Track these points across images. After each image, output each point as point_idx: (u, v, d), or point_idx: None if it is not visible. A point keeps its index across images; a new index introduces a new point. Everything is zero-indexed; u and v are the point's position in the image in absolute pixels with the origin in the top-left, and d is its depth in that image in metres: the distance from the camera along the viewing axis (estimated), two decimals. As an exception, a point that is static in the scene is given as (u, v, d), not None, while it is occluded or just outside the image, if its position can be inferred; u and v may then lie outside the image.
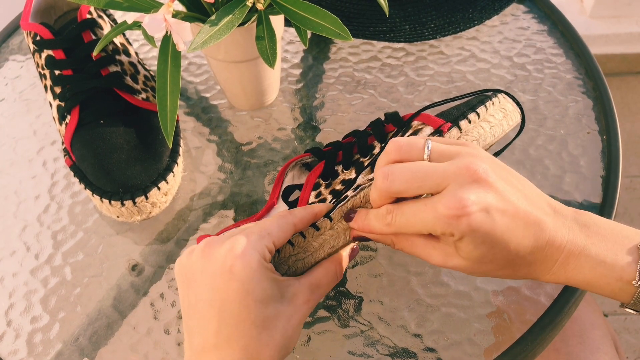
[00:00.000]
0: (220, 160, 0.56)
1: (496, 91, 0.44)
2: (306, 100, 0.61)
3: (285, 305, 0.35)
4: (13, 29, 0.71)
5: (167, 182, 0.50)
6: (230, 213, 0.53)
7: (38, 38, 0.53)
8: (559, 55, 0.62)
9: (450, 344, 0.45)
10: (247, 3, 0.42)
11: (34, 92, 0.64)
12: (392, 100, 0.60)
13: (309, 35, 0.65)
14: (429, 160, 0.34)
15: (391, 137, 0.43)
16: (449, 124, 0.41)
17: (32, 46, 0.54)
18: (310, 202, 0.44)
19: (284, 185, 0.49)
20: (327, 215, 0.40)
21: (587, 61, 0.61)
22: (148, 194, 0.49)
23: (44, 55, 0.53)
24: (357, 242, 0.41)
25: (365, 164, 0.44)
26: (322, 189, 0.45)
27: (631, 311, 0.35)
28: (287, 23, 0.64)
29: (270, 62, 0.43)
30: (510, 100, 0.44)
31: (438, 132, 0.40)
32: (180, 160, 0.53)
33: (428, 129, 0.41)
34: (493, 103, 0.42)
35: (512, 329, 0.45)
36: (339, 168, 0.45)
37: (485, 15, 0.65)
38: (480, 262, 0.33)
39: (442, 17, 0.65)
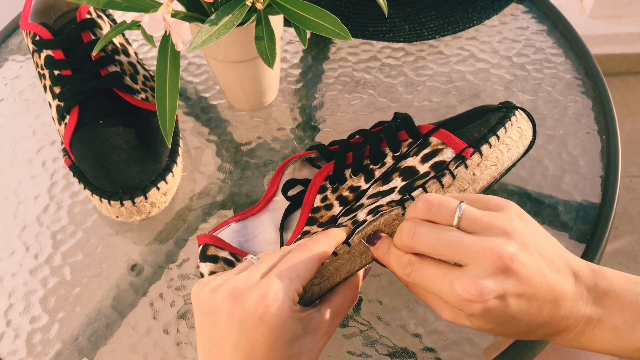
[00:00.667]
0: (219, 160, 0.56)
1: (512, 107, 0.44)
2: (305, 100, 0.61)
3: (309, 339, 0.35)
4: (12, 29, 0.71)
5: (166, 182, 0.50)
6: (230, 213, 0.53)
7: (37, 38, 0.53)
8: (559, 55, 0.62)
9: (450, 344, 0.45)
10: (247, 3, 0.42)
11: (34, 92, 0.64)
12: (392, 100, 0.60)
13: (308, 35, 0.65)
14: (459, 226, 0.34)
15: (406, 150, 0.43)
16: (471, 150, 0.40)
17: (31, 46, 0.54)
18: (315, 205, 0.44)
19: (284, 179, 0.48)
20: (346, 241, 0.40)
21: (587, 61, 0.61)
22: (147, 194, 0.49)
23: (43, 55, 0.53)
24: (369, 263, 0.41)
25: (377, 174, 0.43)
26: (328, 193, 0.44)
27: None
28: (287, 23, 0.64)
29: (270, 62, 0.43)
30: (525, 116, 0.43)
31: (460, 158, 0.40)
32: (179, 160, 0.53)
33: (449, 151, 0.41)
34: (512, 123, 0.42)
35: (511, 329, 0.45)
36: (347, 172, 0.44)
37: (484, 15, 0.65)
38: (490, 331, 0.34)
39: (442, 17, 0.65)
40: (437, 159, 0.41)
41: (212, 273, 0.41)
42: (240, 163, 0.56)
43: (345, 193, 0.43)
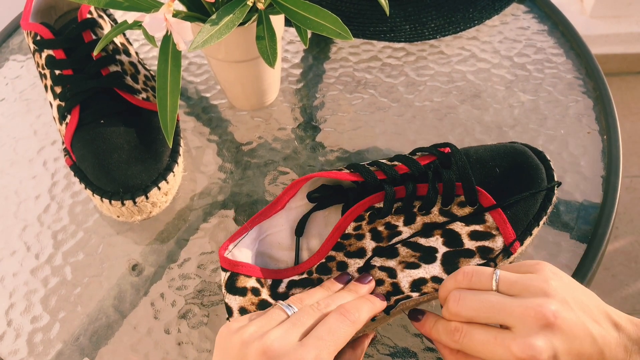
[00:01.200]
0: (220, 160, 0.56)
1: (553, 186, 0.44)
2: (306, 100, 0.61)
3: None
4: (13, 28, 0.71)
5: (167, 182, 0.50)
6: (231, 213, 0.53)
7: (38, 38, 0.53)
8: (559, 55, 0.62)
9: (451, 344, 0.45)
10: (248, 3, 0.42)
11: (35, 92, 0.64)
12: (393, 100, 0.60)
13: (309, 35, 0.65)
14: (498, 290, 0.35)
15: (455, 209, 0.41)
16: (518, 244, 0.41)
17: (32, 46, 0.54)
18: (346, 231, 0.41)
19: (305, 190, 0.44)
20: (387, 311, 0.40)
21: (588, 61, 0.61)
22: (148, 194, 0.49)
23: (44, 55, 0.53)
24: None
25: (417, 219, 0.41)
26: (363, 223, 0.41)
27: None
28: (288, 23, 0.64)
29: (271, 62, 0.43)
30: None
31: (507, 252, 0.41)
32: (180, 160, 0.53)
33: (500, 241, 0.41)
34: (551, 207, 0.43)
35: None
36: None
37: (485, 15, 0.65)
38: None
39: (443, 17, 0.65)
40: (487, 244, 0.41)
41: (241, 308, 0.40)
42: (241, 163, 0.56)
43: (380, 228, 0.41)
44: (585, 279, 0.46)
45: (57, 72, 0.52)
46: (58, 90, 0.53)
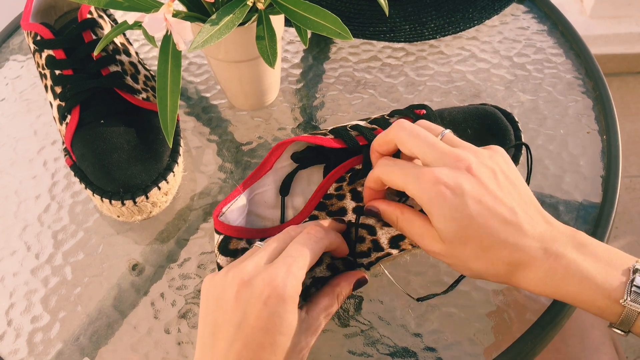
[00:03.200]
0: (220, 160, 0.57)
1: (520, 145, 0.47)
2: (306, 100, 0.61)
3: (302, 337, 0.36)
4: (13, 28, 0.71)
5: (167, 182, 0.50)
6: (231, 213, 0.53)
7: (38, 38, 0.53)
8: (559, 55, 0.62)
9: (450, 344, 0.45)
10: (248, 3, 0.42)
11: (35, 92, 0.64)
12: (392, 100, 0.60)
13: (309, 35, 0.65)
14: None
15: None
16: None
17: (32, 46, 0.54)
18: (328, 192, 0.43)
19: (289, 151, 0.46)
20: (367, 268, 0.43)
21: (587, 61, 0.61)
22: (148, 194, 0.49)
23: (44, 55, 0.53)
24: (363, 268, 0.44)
25: None
26: (344, 184, 0.44)
27: (618, 331, 0.35)
28: (288, 23, 0.64)
29: (271, 62, 0.43)
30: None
31: None
32: (180, 160, 0.53)
33: None
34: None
35: (512, 329, 0.45)
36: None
37: (485, 15, 0.65)
38: (456, 244, 0.35)
39: (442, 17, 0.65)
40: None
41: None
42: (241, 163, 0.56)
43: (360, 188, 0.44)
44: (584, 278, 0.46)
45: (57, 72, 0.52)
46: (58, 90, 0.53)
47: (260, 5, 0.43)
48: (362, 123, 0.45)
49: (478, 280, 0.47)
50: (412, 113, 0.46)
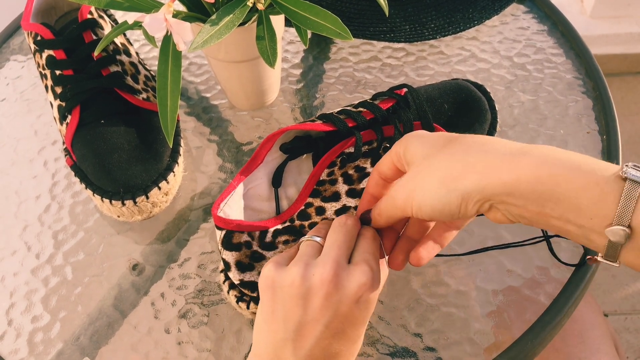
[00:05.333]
0: (220, 160, 0.57)
1: (493, 109, 0.50)
2: (306, 100, 0.61)
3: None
4: (14, 29, 0.71)
5: (167, 182, 0.50)
6: (231, 213, 0.53)
7: (39, 38, 0.53)
8: (559, 55, 0.62)
9: (450, 344, 0.45)
10: (248, 3, 0.42)
11: (35, 92, 0.64)
12: (393, 100, 0.60)
13: (309, 35, 0.65)
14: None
15: None
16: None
17: (33, 46, 0.54)
18: (320, 178, 0.44)
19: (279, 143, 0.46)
20: None
21: (587, 61, 0.61)
22: (149, 194, 0.49)
23: (44, 55, 0.53)
24: None
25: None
26: (335, 168, 0.45)
27: (608, 262, 0.32)
28: (288, 23, 0.64)
29: (271, 62, 0.43)
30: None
31: None
32: (180, 160, 0.53)
33: None
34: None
35: (512, 329, 0.45)
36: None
37: (485, 15, 0.65)
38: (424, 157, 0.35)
39: (442, 17, 0.65)
40: None
41: (237, 261, 0.42)
42: (242, 163, 0.56)
43: (351, 171, 0.44)
44: (584, 279, 0.46)
45: (57, 72, 0.53)
46: (58, 90, 0.53)
47: (260, 6, 0.43)
48: (348, 108, 0.46)
49: (478, 281, 0.47)
50: (395, 94, 0.47)
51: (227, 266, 0.43)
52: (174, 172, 0.51)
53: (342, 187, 0.45)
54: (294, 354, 0.35)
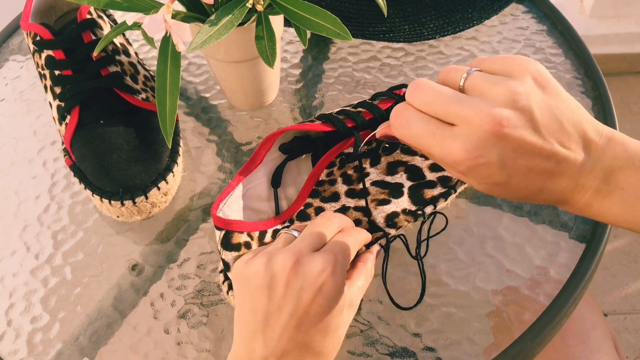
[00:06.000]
0: (220, 160, 0.57)
1: None
2: (306, 100, 0.61)
3: (346, 314, 0.37)
4: (13, 29, 0.71)
5: (166, 182, 0.50)
6: (230, 213, 0.53)
7: (38, 38, 0.53)
8: (558, 55, 0.62)
9: (450, 344, 0.45)
10: (247, 4, 0.42)
11: (34, 92, 0.64)
12: (392, 100, 0.60)
13: (308, 35, 0.65)
14: (463, 88, 0.33)
15: None
16: None
17: (32, 46, 0.54)
18: (320, 178, 0.45)
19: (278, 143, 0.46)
20: (367, 246, 0.43)
21: (587, 61, 0.61)
22: (148, 194, 0.49)
23: (44, 55, 0.53)
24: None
25: (382, 160, 0.45)
26: (334, 168, 0.45)
27: None
28: (287, 23, 0.64)
29: (270, 62, 0.43)
30: None
31: None
32: (180, 160, 0.53)
33: None
34: None
35: (511, 329, 0.45)
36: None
37: (484, 15, 0.65)
38: (488, 191, 0.33)
39: (442, 17, 0.65)
40: (445, 173, 0.46)
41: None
42: (241, 163, 0.56)
43: (350, 172, 0.45)
44: (584, 278, 0.46)
45: (56, 72, 0.52)
46: (58, 90, 0.53)
47: (259, 7, 0.43)
48: (347, 108, 0.47)
49: (478, 280, 0.47)
50: (394, 94, 0.47)
51: (226, 266, 0.43)
52: (173, 172, 0.51)
53: (341, 188, 0.45)
54: (265, 344, 0.35)
